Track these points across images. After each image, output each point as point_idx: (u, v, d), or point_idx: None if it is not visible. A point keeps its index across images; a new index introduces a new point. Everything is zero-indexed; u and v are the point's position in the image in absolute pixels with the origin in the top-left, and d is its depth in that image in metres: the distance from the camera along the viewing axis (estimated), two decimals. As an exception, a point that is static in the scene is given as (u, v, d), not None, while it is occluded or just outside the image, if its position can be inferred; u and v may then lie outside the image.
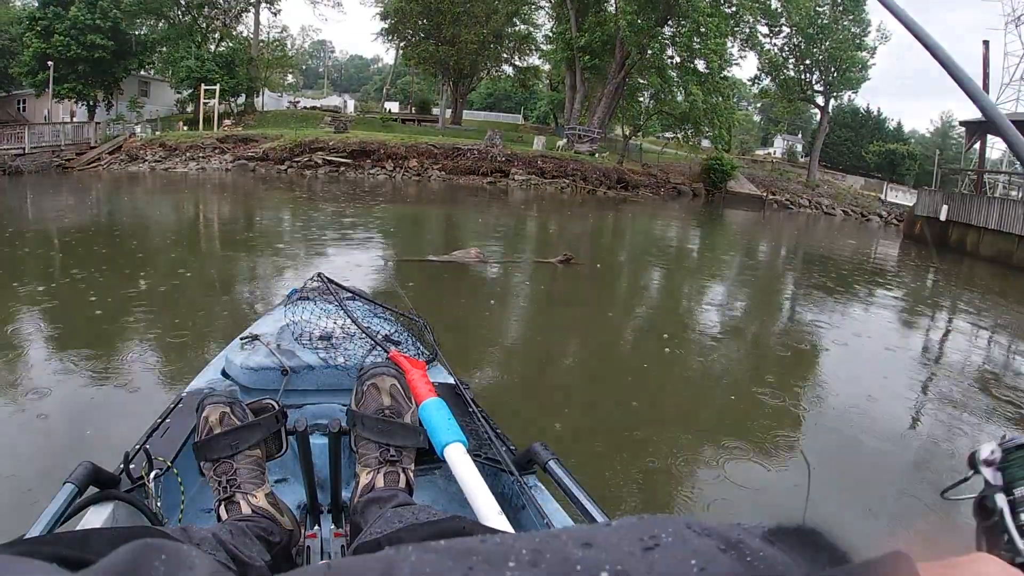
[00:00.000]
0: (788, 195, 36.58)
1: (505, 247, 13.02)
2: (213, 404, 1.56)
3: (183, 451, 1.73)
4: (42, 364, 4.99)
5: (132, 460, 1.60)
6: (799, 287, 11.87)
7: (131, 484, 1.55)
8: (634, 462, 4.10)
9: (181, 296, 7.41)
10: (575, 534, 0.37)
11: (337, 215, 15.65)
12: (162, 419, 1.90)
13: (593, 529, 0.38)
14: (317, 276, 2.92)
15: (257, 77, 36.76)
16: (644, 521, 0.39)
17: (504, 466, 1.71)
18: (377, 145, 28.32)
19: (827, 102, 41.21)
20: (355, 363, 2.15)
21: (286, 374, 2.11)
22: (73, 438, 3.85)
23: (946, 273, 15.64)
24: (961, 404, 5.76)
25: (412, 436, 1.60)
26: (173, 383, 4.62)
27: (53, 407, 4.22)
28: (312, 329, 2.37)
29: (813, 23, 36.51)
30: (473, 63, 40.24)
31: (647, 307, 9.27)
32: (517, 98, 57.96)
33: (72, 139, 28.11)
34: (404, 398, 1.66)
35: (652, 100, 36.79)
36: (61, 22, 29.57)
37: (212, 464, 1.52)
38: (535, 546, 0.36)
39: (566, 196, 26.80)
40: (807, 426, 5.02)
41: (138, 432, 1.86)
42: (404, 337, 2.39)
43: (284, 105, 43.40)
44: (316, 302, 2.64)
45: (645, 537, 0.36)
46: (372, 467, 1.56)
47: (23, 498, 3.05)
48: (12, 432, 3.93)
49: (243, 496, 1.48)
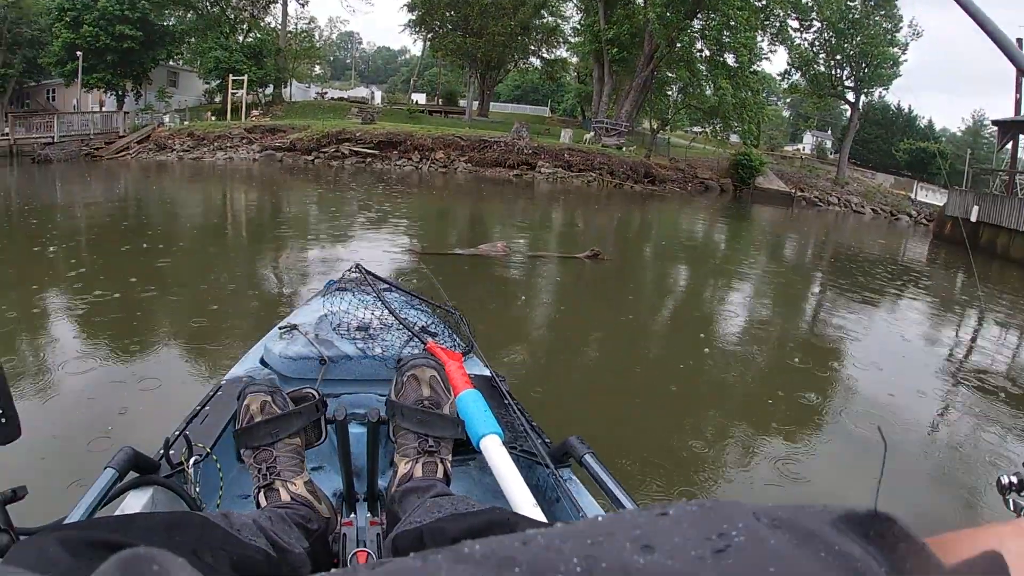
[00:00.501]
0: (817, 192, 36.10)
1: (531, 241, 12.90)
2: (254, 393, 1.58)
3: (222, 438, 1.74)
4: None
5: (172, 446, 1.62)
6: (844, 288, 11.58)
7: (170, 470, 1.58)
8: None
9: (213, 283, 7.43)
10: (632, 533, 0.34)
11: (363, 206, 15.63)
12: (201, 406, 1.91)
13: (651, 523, 0.35)
14: (355, 267, 2.96)
15: (285, 68, 36.89)
16: (707, 511, 0.36)
17: (539, 459, 1.71)
18: (404, 136, 28.28)
19: (857, 98, 40.56)
20: (392, 354, 2.17)
21: (324, 364, 2.13)
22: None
23: (987, 278, 15.22)
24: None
25: (451, 427, 1.61)
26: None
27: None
28: (350, 320, 2.40)
29: (844, 18, 35.92)
30: (500, 55, 40.02)
31: (677, 305, 9.12)
32: (544, 90, 57.69)
33: (101, 128, 28.40)
34: (443, 390, 1.67)
35: (680, 94, 36.44)
36: (90, 12, 29.89)
37: (252, 451, 1.53)
38: (587, 551, 0.32)
39: (593, 190, 26.63)
40: (852, 413, 4.87)
41: (176, 417, 1.86)
42: (440, 329, 2.42)
43: (311, 96, 43.54)
44: (354, 293, 2.66)
45: (713, 536, 0.33)
46: (411, 457, 1.56)
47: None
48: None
49: (282, 484, 1.50)
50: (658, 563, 0.31)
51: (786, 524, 0.34)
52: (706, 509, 0.36)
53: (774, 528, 0.34)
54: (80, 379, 4.39)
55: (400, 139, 28.14)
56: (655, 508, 0.35)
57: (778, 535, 0.33)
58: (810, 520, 0.34)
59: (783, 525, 0.34)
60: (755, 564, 0.31)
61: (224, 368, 4.62)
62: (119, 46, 30.61)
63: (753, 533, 0.33)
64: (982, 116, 63.95)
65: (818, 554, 0.32)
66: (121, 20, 30.31)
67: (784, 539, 0.33)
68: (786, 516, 0.35)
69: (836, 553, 0.32)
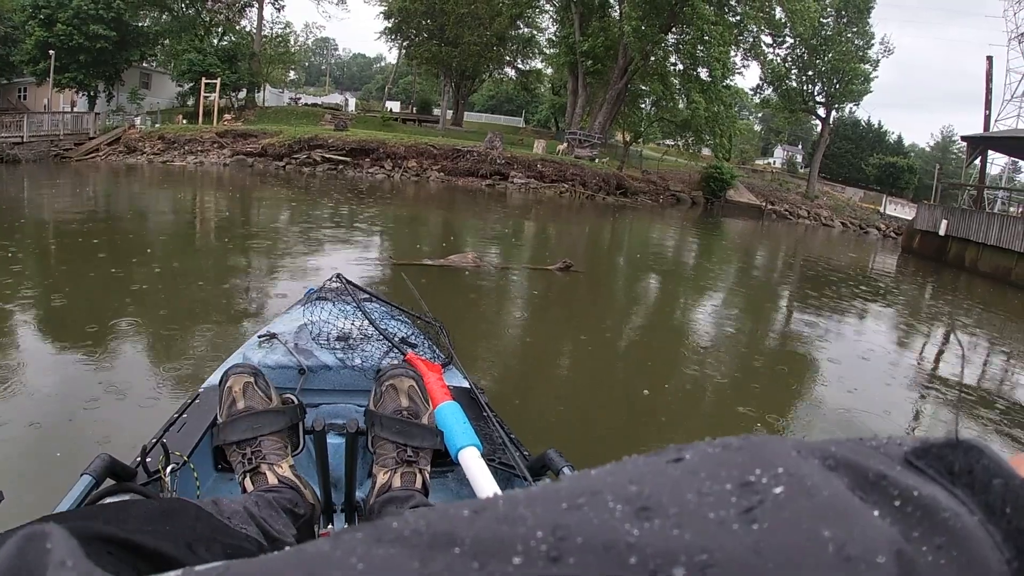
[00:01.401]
0: (787, 205, 36.62)
1: (503, 252, 12.86)
2: (237, 374, 1.61)
3: (199, 446, 1.75)
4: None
5: (149, 453, 1.62)
6: (815, 300, 11.74)
7: (147, 477, 1.58)
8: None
9: (174, 291, 7.32)
10: (626, 490, 0.26)
11: (332, 214, 15.55)
12: (179, 414, 1.91)
13: (656, 475, 0.27)
14: (336, 277, 2.94)
15: (259, 72, 36.71)
16: (734, 452, 0.28)
17: (518, 471, 1.71)
18: (376, 144, 28.24)
19: (828, 113, 41.31)
20: (372, 364, 2.17)
21: (303, 373, 2.13)
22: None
23: (956, 291, 15.52)
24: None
25: (430, 437, 1.62)
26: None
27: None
28: (330, 329, 2.40)
29: (817, 34, 36.55)
30: (476, 65, 40.15)
31: (650, 318, 9.13)
32: (519, 101, 57.90)
33: (71, 129, 27.98)
34: (422, 400, 1.69)
35: (653, 107, 36.85)
36: (64, 11, 29.52)
37: (234, 444, 1.54)
38: (559, 519, 0.24)
39: (565, 201, 26.75)
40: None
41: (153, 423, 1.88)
42: (420, 340, 2.42)
43: (285, 101, 43.33)
44: (334, 302, 2.65)
45: (738, 487, 0.25)
46: (389, 467, 1.57)
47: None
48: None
49: (268, 467, 1.50)
50: (657, 534, 0.23)
51: (843, 465, 0.26)
52: (733, 450, 0.28)
53: (827, 471, 0.26)
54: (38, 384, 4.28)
55: (373, 147, 28.09)
56: (669, 451, 0.28)
57: (833, 481, 0.25)
58: (876, 458, 0.27)
59: (840, 466, 0.26)
60: (800, 525, 0.23)
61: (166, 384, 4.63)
62: (92, 46, 30.26)
63: (798, 480, 0.25)
64: (951, 132, 65.46)
65: (891, 504, 0.24)
66: (95, 20, 29.98)
67: (841, 486, 0.25)
68: (843, 454, 0.27)
69: (915, 502, 0.25)
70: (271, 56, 39.60)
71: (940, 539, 0.23)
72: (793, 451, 0.27)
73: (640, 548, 0.22)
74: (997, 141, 24.74)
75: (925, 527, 0.24)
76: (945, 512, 0.24)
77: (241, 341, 2.49)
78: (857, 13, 37.61)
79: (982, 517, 0.25)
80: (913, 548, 0.23)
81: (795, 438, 0.28)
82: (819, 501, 0.24)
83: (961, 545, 0.23)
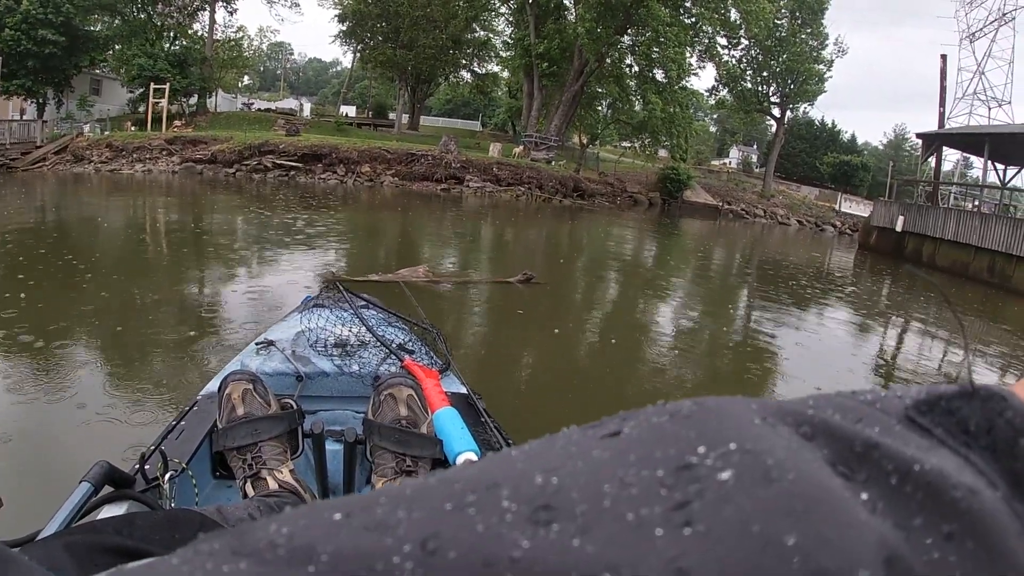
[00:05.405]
0: (743, 205, 37.10)
1: (459, 262, 12.46)
2: (236, 381, 1.62)
3: (198, 453, 1.76)
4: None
5: (147, 461, 1.63)
6: (771, 297, 11.82)
7: (146, 484, 1.58)
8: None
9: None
10: (530, 484, 0.20)
11: (279, 223, 15.15)
12: (177, 421, 1.92)
13: (577, 457, 0.21)
14: (333, 283, 3.02)
15: (211, 77, 36.05)
16: (676, 422, 0.21)
17: None
18: (329, 149, 27.93)
19: (783, 114, 41.92)
20: (369, 371, 2.18)
21: (301, 380, 2.14)
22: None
23: (912, 285, 15.80)
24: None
25: (429, 447, 1.63)
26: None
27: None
28: (327, 336, 2.41)
29: (771, 35, 37.09)
30: (431, 68, 39.92)
31: (617, 328, 8.84)
32: (476, 105, 57.73)
33: (19, 137, 27.21)
34: (420, 409, 1.69)
35: (610, 109, 37.04)
36: (12, 16, 28.69)
37: (234, 450, 1.55)
38: (435, 525, 0.19)
39: (521, 204, 26.72)
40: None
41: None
42: (417, 346, 2.45)
43: (238, 107, 42.73)
44: (331, 309, 2.70)
45: (672, 473, 0.19)
46: (388, 477, 1.57)
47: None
48: None
49: (269, 472, 1.50)
50: (553, 545, 0.17)
51: (823, 432, 0.21)
52: (680, 419, 0.21)
53: (801, 442, 0.20)
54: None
55: (325, 152, 27.77)
56: (611, 422, 0.23)
57: (805, 457, 0.19)
58: (869, 418, 0.21)
59: (818, 434, 0.21)
60: (749, 528, 0.17)
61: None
62: (41, 51, 29.40)
63: (754, 460, 0.19)
64: (903, 130, 66.71)
65: (885, 483, 0.19)
66: (44, 24, 29.12)
67: (817, 463, 0.19)
68: (823, 417, 0.21)
69: (916, 479, 0.19)
70: (223, 61, 38.97)
71: (949, 527, 0.18)
72: (757, 418, 0.21)
73: (525, 566, 0.17)
74: (952, 138, 25.28)
75: (929, 512, 0.18)
76: (956, 490, 0.19)
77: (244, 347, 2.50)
78: (811, 14, 38.29)
79: (1006, 492, 0.19)
80: (911, 546, 0.17)
81: (766, 399, 0.23)
82: (781, 489, 0.18)
83: (977, 533, 0.18)
